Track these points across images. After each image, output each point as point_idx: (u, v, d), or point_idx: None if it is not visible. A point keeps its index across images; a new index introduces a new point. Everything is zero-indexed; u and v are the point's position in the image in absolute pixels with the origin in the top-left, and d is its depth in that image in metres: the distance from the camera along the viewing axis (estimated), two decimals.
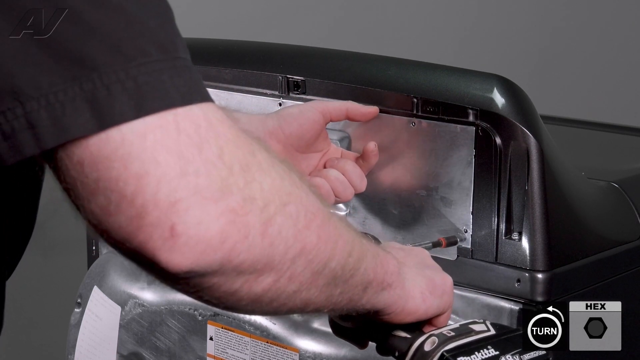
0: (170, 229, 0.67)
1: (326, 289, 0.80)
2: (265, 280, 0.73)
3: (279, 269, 0.74)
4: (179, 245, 0.67)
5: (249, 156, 0.71)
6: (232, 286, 0.72)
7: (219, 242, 0.69)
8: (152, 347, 1.48)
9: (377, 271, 0.87)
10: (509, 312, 1.21)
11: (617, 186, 1.40)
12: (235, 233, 0.69)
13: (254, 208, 0.70)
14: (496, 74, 1.23)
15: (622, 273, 1.33)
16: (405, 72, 1.27)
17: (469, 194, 1.22)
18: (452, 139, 1.21)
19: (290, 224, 0.73)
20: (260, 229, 0.71)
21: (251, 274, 0.72)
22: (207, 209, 0.68)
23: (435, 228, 1.26)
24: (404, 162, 1.26)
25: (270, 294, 0.75)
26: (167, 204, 0.67)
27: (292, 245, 0.74)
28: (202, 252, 0.68)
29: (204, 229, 0.68)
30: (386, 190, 1.29)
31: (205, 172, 0.68)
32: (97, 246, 1.66)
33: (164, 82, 0.68)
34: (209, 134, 0.69)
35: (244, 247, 0.70)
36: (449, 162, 1.22)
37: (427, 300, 0.95)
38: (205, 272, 0.70)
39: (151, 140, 0.67)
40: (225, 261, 0.70)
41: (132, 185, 0.66)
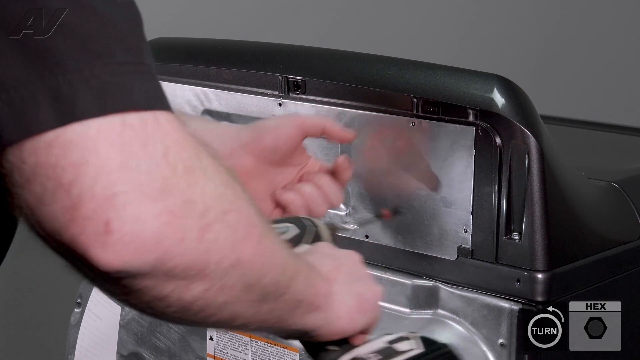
0: (105, 223, 0.65)
1: (256, 304, 0.79)
2: (196, 287, 0.72)
3: (211, 277, 0.72)
4: (112, 242, 0.65)
5: (194, 159, 0.70)
6: (162, 291, 0.70)
7: (154, 243, 0.67)
8: (152, 347, 1.48)
9: (308, 292, 0.86)
10: (509, 312, 1.21)
11: (617, 186, 1.40)
12: (172, 235, 0.67)
13: (193, 212, 0.69)
14: (496, 74, 1.23)
15: (622, 273, 1.33)
16: (405, 72, 1.27)
17: (469, 194, 1.21)
18: (452, 139, 1.21)
19: (229, 233, 0.72)
20: (197, 234, 0.69)
21: (183, 280, 0.70)
22: (145, 207, 0.66)
23: (435, 228, 1.26)
24: (404, 162, 1.26)
25: (199, 302, 0.73)
26: (103, 197, 0.64)
27: (228, 255, 0.72)
28: (135, 251, 0.66)
29: (140, 228, 0.66)
30: (386, 191, 1.29)
31: (147, 169, 0.66)
32: None
33: (127, 84, 0.67)
34: (155, 132, 0.67)
35: (178, 251, 0.68)
36: (449, 162, 1.22)
37: (354, 320, 0.93)
38: (137, 273, 0.68)
39: (94, 130, 0.65)
40: (158, 263, 0.68)
41: (70, 173, 0.64)
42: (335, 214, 1.36)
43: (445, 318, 1.27)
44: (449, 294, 1.27)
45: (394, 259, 1.32)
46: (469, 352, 1.24)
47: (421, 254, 1.29)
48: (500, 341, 1.22)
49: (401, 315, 1.29)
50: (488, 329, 1.23)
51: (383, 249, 1.33)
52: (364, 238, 1.34)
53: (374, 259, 1.34)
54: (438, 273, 1.28)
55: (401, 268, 1.31)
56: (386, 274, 1.32)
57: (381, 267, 1.33)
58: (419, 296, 1.29)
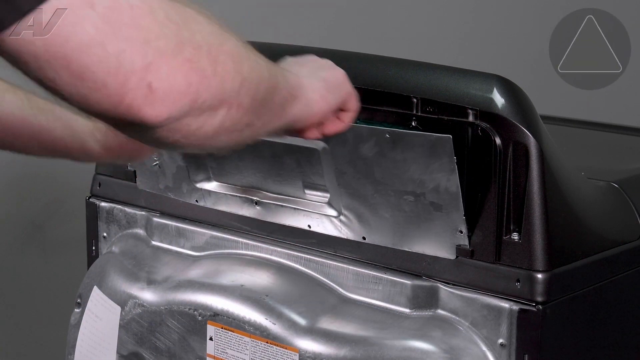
0: (148, 87, 0.80)
1: (260, 111, 0.95)
2: (220, 113, 0.88)
3: (229, 101, 0.88)
4: (157, 98, 0.81)
5: (182, 11, 0.84)
6: (197, 124, 0.86)
7: (186, 88, 0.83)
8: (152, 347, 1.48)
9: (287, 87, 1.03)
10: (509, 312, 1.21)
11: (617, 186, 1.40)
12: (195, 77, 0.83)
13: (203, 53, 0.84)
14: (496, 74, 1.23)
15: (622, 273, 1.33)
16: (405, 72, 1.27)
17: (458, 199, 1.21)
18: (430, 148, 1.20)
19: (230, 61, 0.88)
20: (211, 69, 0.85)
21: (210, 110, 0.87)
22: (171, 64, 0.81)
23: (430, 231, 1.26)
24: (388, 170, 1.26)
25: (226, 124, 0.90)
26: (141, 69, 0.80)
27: (235, 77, 0.88)
28: (174, 99, 0.82)
29: (173, 80, 0.82)
30: (375, 196, 1.29)
31: (163, 34, 0.81)
32: (97, 246, 1.66)
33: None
34: (149, 1, 0.81)
35: (203, 88, 0.84)
36: (431, 170, 1.21)
37: (327, 98, 1.10)
38: (178, 116, 0.83)
39: (114, 20, 0.78)
40: (192, 102, 0.84)
41: (113, 62, 0.78)
42: (328, 220, 1.36)
43: (445, 318, 1.27)
44: (449, 294, 1.27)
45: (394, 259, 1.32)
46: (469, 352, 1.24)
47: (421, 254, 1.29)
48: (500, 341, 1.23)
49: (401, 315, 1.30)
50: (488, 329, 1.23)
51: (383, 248, 1.33)
52: (362, 240, 1.34)
53: (374, 259, 1.34)
54: (438, 273, 1.28)
55: (401, 268, 1.31)
56: (386, 274, 1.32)
57: (381, 267, 1.33)
58: (419, 296, 1.29)
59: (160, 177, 1.54)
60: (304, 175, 1.37)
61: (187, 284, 1.46)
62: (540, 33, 2.78)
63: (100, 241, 1.66)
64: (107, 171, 1.64)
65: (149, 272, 1.52)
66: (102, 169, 1.65)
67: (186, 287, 1.45)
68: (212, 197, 1.48)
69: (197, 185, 1.49)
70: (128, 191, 1.61)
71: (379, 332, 1.29)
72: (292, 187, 1.40)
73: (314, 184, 1.38)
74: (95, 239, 1.66)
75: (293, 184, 1.39)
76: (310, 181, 1.38)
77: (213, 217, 1.51)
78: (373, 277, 1.33)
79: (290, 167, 1.38)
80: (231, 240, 1.49)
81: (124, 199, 1.62)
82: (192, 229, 1.53)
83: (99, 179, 1.66)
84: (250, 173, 1.43)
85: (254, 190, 1.45)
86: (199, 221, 1.53)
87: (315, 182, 1.37)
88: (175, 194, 1.52)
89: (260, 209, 1.43)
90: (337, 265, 1.37)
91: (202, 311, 1.41)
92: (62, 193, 2.63)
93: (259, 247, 1.45)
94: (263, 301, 1.37)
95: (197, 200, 1.50)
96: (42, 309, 2.63)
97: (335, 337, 1.30)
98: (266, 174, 1.41)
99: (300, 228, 1.40)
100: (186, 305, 1.43)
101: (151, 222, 1.57)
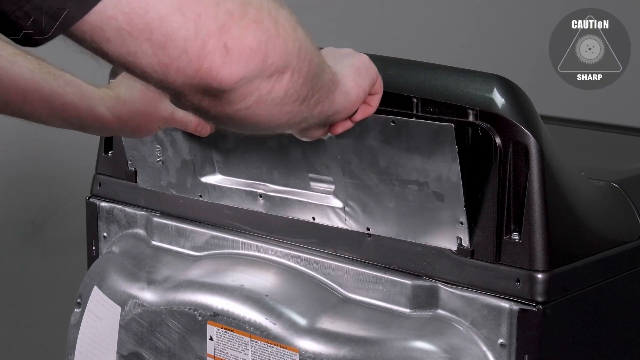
0: (224, 47, 0.83)
1: (316, 85, 0.98)
2: (286, 76, 0.91)
3: (291, 66, 0.91)
4: (233, 58, 0.84)
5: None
6: (267, 86, 0.89)
7: (256, 47, 0.85)
8: (152, 347, 1.48)
9: (330, 70, 1.04)
10: (509, 312, 1.22)
11: (617, 186, 1.40)
12: (263, 37, 0.86)
13: (265, 15, 0.86)
14: (496, 74, 1.23)
15: (622, 273, 1.33)
16: (405, 72, 1.28)
17: (459, 189, 1.21)
18: (432, 137, 1.21)
19: (288, 24, 0.90)
20: (275, 30, 0.87)
21: (278, 73, 0.89)
22: (240, 24, 0.84)
23: (432, 220, 1.26)
24: (391, 159, 1.26)
25: (291, 89, 0.92)
26: (216, 31, 0.82)
27: (295, 40, 0.90)
28: (248, 58, 0.85)
29: (244, 39, 0.84)
30: (379, 186, 1.29)
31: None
32: (97, 246, 1.66)
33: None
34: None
35: (270, 48, 0.87)
36: (434, 159, 1.22)
37: (360, 84, 1.12)
38: (252, 75, 0.86)
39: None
40: (262, 62, 0.86)
41: (191, 27, 0.81)
42: (332, 211, 1.36)
43: (445, 318, 1.27)
44: (449, 294, 1.27)
45: (394, 259, 1.32)
46: (469, 352, 1.24)
47: (422, 251, 1.30)
48: (500, 341, 1.23)
49: (401, 315, 1.30)
50: (488, 329, 1.23)
51: (384, 247, 1.33)
52: (366, 231, 1.34)
53: (374, 259, 1.34)
54: (438, 273, 1.28)
55: (401, 268, 1.31)
56: (386, 274, 1.32)
57: (381, 267, 1.33)
58: (419, 296, 1.29)
59: (162, 174, 1.54)
60: (310, 166, 1.38)
61: (187, 284, 1.46)
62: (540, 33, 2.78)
63: (100, 241, 1.66)
64: (107, 171, 1.64)
65: (149, 272, 1.52)
66: (102, 169, 1.65)
67: (186, 287, 1.45)
68: (217, 191, 1.48)
69: (202, 179, 1.49)
70: (128, 191, 1.61)
71: (379, 332, 1.29)
72: (298, 179, 1.40)
73: (320, 175, 1.38)
74: (95, 239, 1.66)
75: (298, 175, 1.40)
76: (315, 172, 1.38)
77: (214, 216, 1.51)
78: (373, 277, 1.33)
79: (296, 158, 1.38)
80: (231, 240, 1.49)
81: (124, 199, 1.62)
82: (192, 229, 1.53)
83: (99, 179, 1.66)
84: (255, 165, 1.44)
85: (258, 183, 1.45)
86: (199, 221, 1.53)
87: (320, 172, 1.37)
88: (178, 190, 1.53)
89: (264, 202, 1.43)
90: (337, 265, 1.37)
91: (202, 311, 1.41)
92: (62, 193, 2.63)
93: (259, 247, 1.46)
94: (263, 301, 1.37)
95: (201, 195, 1.50)
96: (42, 309, 2.63)
97: (336, 337, 1.30)
98: (272, 166, 1.42)
99: (304, 220, 1.40)
100: (186, 305, 1.43)
101: (151, 222, 1.57)
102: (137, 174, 1.58)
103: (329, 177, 1.37)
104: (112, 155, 1.63)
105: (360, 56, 1.16)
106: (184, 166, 1.50)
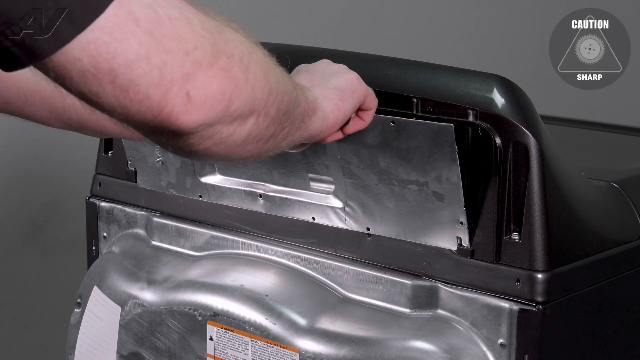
0: (187, 95, 0.84)
1: (284, 121, 0.99)
2: (250, 121, 0.92)
3: (258, 110, 0.92)
4: (194, 105, 0.84)
5: (214, 20, 0.87)
6: (229, 130, 0.90)
7: (220, 95, 0.86)
8: (152, 347, 1.48)
9: (305, 101, 1.05)
10: (509, 312, 1.22)
11: (617, 186, 1.40)
12: (229, 85, 0.87)
13: (235, 62, 0.87)
14: (496, 74, 1.23)
15: (622, 273, 1.33)
16: (405, 72, 1.27)
17: (459, 189, 1.21)
18: (432, 137, 1.21)
19: (259, 70, 0.91)
20: (244, 77, 0.88)
21: (241, 118, 0.90)
22: (208, 73, 0.84)
23: (432, 220, 1.26)
24: (391, 159, 1.26)
25: (254, 132, 0.93)
26: (180, 79, 0.83)
27: (264, 86, 0.92)
28: (210, 105, 0.86)
29: (209, 88, 0.85)
30: (379, 186, 1.29)
31: (200, 45, 0.84)
32: (97, 246, 1.66)
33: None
34: (184, 11, 0.83)
35: (236, 95, 0.88)
36: (434, 159, 1.22)
37: (342, 108, 1.13)
38: (213, 122, 0.87)
39: (157, 33, 0.80)
40: (225, 109, 0.87)
41: (156, 75, 0.81)
42: (332, 211, 1.36)
43: (445, 318, 1.27)
44: (449, 294, 1.27)
45: (394, 259, 1.32)
46: (469, 352, 1.24)
47: (422, 251, 1.29)
48: (500, 341, 1.23)
49: (401, 315, 1.30)
50: (488, 329, 1.23)
51: (384, 247, 1.33)
52: (366, 231, 1.34)
53: (374, 259, 1.34)
54: (438, 273, 1.28)
55: (401, 268, 1.31)
56: (386, 274, 1.32)
57: (381, 267, 1.33)
58: (419, 296, 1.29)
59: (162, 174, 1.54)
60: (310, 167, 1.38)
61: (187, 284, 1.46)
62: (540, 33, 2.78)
63: (100, 241, 1.66)
64: (107, 171, 1.64)
65: (149, 272, 1.52)
66: (102, 169, 1.65)
67: (186, 287, 1.45)
68: (216, 191, 1.48)
69: (202, 179, 1.49)
70: (128, 191, 1.61)
71: (379, 332, 1.29)
72: (298, 179, 1.40)
73: (320, 175, 1.38)
74: (95, 239, 1.66)
75: (298, 175, 1.40)
76: (315, 172, 1.38)
77: (214, 216, 1.51)
78: (373, 277, 1.33)
79: (296, 158, 1.38)
80: (231, 240, 1.49)
81: (124, 199, 1.62)
82: (192, 229, 1.53)
83: (99, 179, 1.66)
84: (255, 166, 1.44)
85: (258, 183, 1.45)
86: (199, 221, 1.53)
87: (320, 173, 1.37)
88: (178, 190, 1.53)
89: (264, 202, 1.43)
90: (337, 265, 1.37)
91: (202, 311, 1.41)
92: (62, 193, 2.63)
93: (259, 247, 1.46)
94: (263, 301, 1.37)
95: (201, 195, 1.50)
96: (42, 309, 2.63)
97: (335, 337, 1.30)
98: (271, 166, 1.42)
99: (304, 220, 1.40)
100: (186, 305, 1.43)
101: (151, 222, 1.57)
102: (137, 174, 1.58)
103: (328, 177, 1.37)
104: (112, 155, 1.63)
105: (349, 76, 1.16)
106: (183, 166, 1.50)
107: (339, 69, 1.17)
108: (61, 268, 2.62)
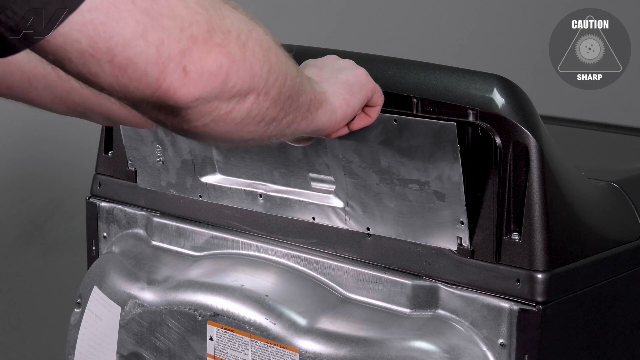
0: (183, 69, 0.84)
1: (287, 106, 0.99)
2: (249, 99, 0.92)
3: (257, 88, 0.92)
4: (191, 80, 0.85)
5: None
6: (227, 107, 0.91)
7: (217, 70, 0.87)
8: (152, 347, 1.48)
9: (312, 91, 1.05)
10: (509, 312, 1.22)
11: (617, 186, 1.40)
12: (225, 61, 0.87)
13: (232, 38, 0.88)
14: (496, 74, 1.23)
15: (622, 273, 1.33)
16: (405, 72, 1.27)
17: (460, 188, 1.21)
18: (434, 136, 1.21)
19: (258, 47, 0.91)
20: (241, 54, 0.89)
21: (240, 96, 0.91)
22: (203, 48, 0.85)
23: (433, 220, 1.26)
24: (393, 158, 1.26)
25: (254, 111, 0.93)
26: (177, 54, 0.84)
27: (263, 64, 0.92)
28: (206, 80, 0.86)
29: (205, 63, 0.86)
30: (380, 185, 1.29)
31: (195, 21, 0.84)
32: (97, 246, 1.66)
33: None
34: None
35: (233, 71, 0.88)
36: (436, 158, 1.22)
37: (350, 102, 1.12)
38: (210, 97, 0.88)
39: (152, 11, 0.81)
40: (222, 84, 0.88)
41: (153, 52, 0.82)
42: (333, 211, 1.36)
43: (445, 318, 1.27)
44: (449, 294, 1.27)
45: (394, 259, 1.32)
46: (469, 352, 1.24)
47: (422, 251, 1.29)
48: (500, 341, 1.23)
49: (401, 315, 1.30)
50: (488, 329, 1.24)
51: (384, 247, 1.33)
52: (366, 231, 1.34)
53: (374, 259, 1.34)
54: (438, 273, 1.28)
55: (401, 268, 1.31)
56: (386, 274, 1.32)
57: (381, 267, 1.33)
58: (419, 296, 1.29)
59: (162, 174, 1.54)
60: (310, 166, 1.38)
61: (187, 284, 1.46)
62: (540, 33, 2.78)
63: (100, 241, 1.66)
64: (107, 171, 1.64)
65: (149, 272, 1.52)
66: (102, 169, 1.65)
67: (186, 287, 1.45)
68: (217, 191, 1.48)
69: (202, 179, 1.49)
70: (128, 191, 1.61)
71: (379, 332, 1.29)
72: (298, 179, 1.40)
73: (320, 175, 1.38)
74: (95, 239, 1.66)
75: (299, 175, 1.40)
76: (316, 172, 1.38)
77: (214, 216, 1.51)
78: (373, 277, 1.33)
79: (297, 157, 1.38)
80: (231, 240, 1.49)
81: (124, 199, 1.62)
82: (192, 229, 1.53)
83: (99, 179, 1.66)
84: (256, 165, 1.44)
85: (258, 183, 1.45)
86: (199, 221, 1.53)
87: (321, 172, 1.37)
88: (178, 190, 1.53)
89: (264, 202, 1.43)
90: (337, 265, 1.37)
91: (202, 311, 1.41)
92: (62, 193, 2.63)
93: (259, 247, 1.46)
94: (263, 301, 1.37)
95: (201, 195, 1.50)
96: (42, 309, 2.63)
97: (335, 337, 1.30)
98: (272, 166, 1.42)
99: (304, 220, 1.40)
100: (186, 305, 1.43)
101: (151, 222, 1.57)
102: (137, 174, 1.58)
103: (329, 176, 1.37)
104: (112, 155, 1.63)
105: (357, 72, 1.16)
106: (184, 166, 1.50)
107: (347, 65, 1.17)
108: (61, 268, 2.62)
